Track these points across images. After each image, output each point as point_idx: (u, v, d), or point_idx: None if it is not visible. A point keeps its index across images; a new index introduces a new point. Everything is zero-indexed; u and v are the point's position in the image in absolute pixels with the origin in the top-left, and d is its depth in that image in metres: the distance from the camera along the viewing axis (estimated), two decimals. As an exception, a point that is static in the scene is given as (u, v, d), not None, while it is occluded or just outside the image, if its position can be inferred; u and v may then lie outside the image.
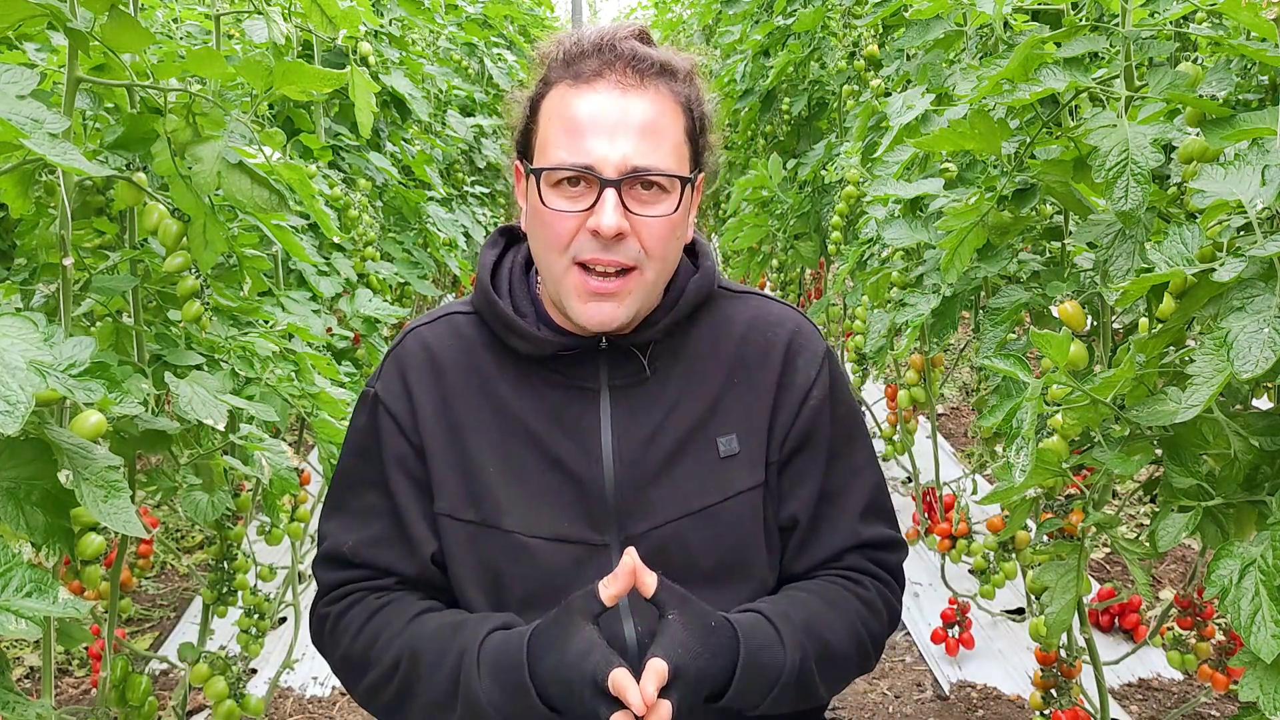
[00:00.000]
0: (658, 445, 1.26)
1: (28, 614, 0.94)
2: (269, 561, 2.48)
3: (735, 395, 1.30)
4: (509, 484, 1.26)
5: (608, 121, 1.17)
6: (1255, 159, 1.11)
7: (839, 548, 1.32)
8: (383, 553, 1.29)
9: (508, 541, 1.24)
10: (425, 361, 1.31)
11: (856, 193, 3.00)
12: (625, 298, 1.20)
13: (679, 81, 1.23)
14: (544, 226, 1.21)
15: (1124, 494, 3.40)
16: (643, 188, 1.18)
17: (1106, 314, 1.70)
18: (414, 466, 1.28)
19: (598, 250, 1.18)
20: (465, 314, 1.34)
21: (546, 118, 1.22)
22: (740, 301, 1.36)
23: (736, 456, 1.28)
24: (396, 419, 1.29)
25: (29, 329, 1.05)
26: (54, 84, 1.66)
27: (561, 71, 1.22)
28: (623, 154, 1.16)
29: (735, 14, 4.64)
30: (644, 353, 1.28)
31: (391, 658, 1.23)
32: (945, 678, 3.16)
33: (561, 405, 1.27)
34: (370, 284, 3.05)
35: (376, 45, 3.17)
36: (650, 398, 1.28)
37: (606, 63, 1.19)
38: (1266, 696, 0.97)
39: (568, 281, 1.20)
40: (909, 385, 2.78)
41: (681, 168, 1.22)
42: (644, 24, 1.26)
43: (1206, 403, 1.04)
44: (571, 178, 1.18)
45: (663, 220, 1.20)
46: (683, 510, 1.25)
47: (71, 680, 3.18)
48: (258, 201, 1.54)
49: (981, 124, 1.53)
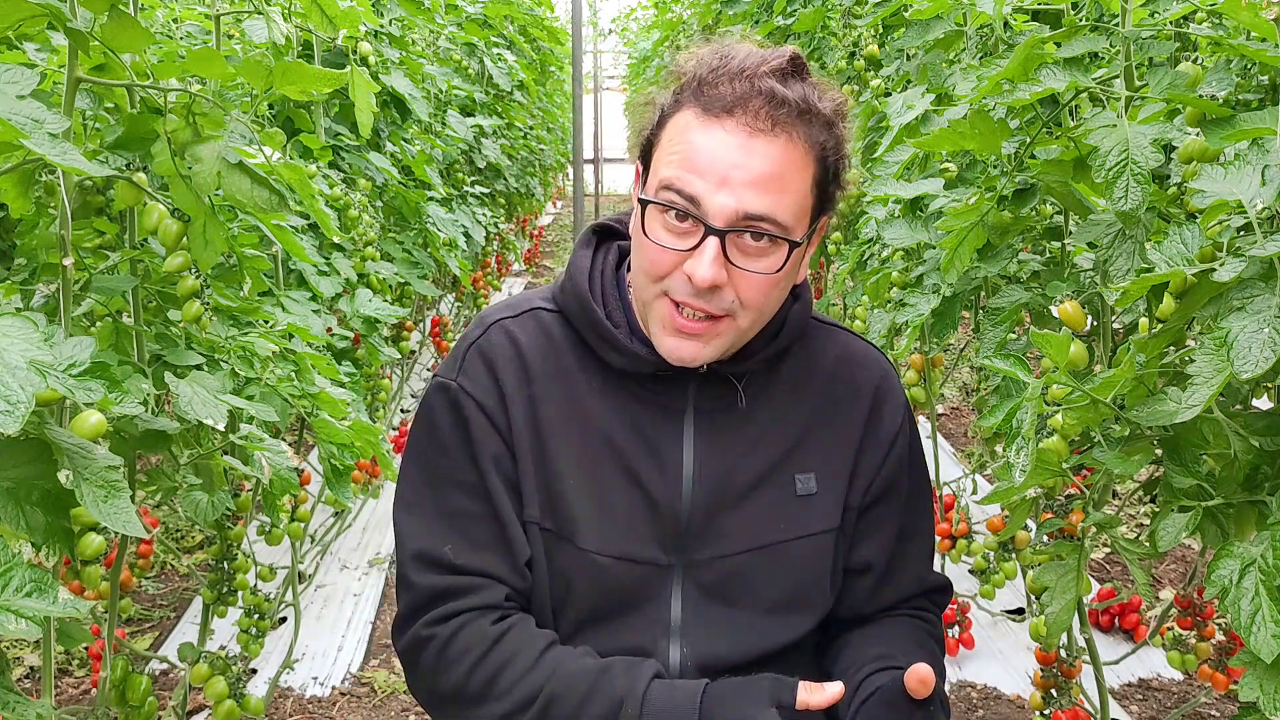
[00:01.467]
0: (737, 475, 1.23)
1: (28, 614, 0.94)
2: (269, 561, 2.49)
3: (819, 434, 1.26)
4: (587, 498, 1.21)
5: (726, 164, 1.09)
6: (1255, 159, 1.11)
7: (909, 594, 1.34)
8: (489, 560, 1.20)
9: (581, 556, 1.21)
10: (514, 357, 1.24)
11: (856, 193, 3.00)
12: (712, 339, 1.16)
13: (817, 126, 1.13)
14: (643, 253, 1.16)
15: (1124, 494, 3.40)
16: (752, 238, 1.11)
17: (1106, 314, 1.70)
18: (508, 467, 1.22)
19: (690, 295, 1.12)
20: (550, 311, 1.28)
21: (669, 138, 1.15)
22: (829, 336, 1.32)
23: (813, 497, 1.25)
24: (489, 415, 1.21)
25: (29, 329, 1.05)
26: (54, 84, 1.66)
27: (694, 95, 1.13)
28: (735, 202, 1.09)
29: (735, 14, 4.64)
30: (740, 381, 1.24)
31: (524, 694, 1.13)
32: (945, 678, 3.16)
33: (646, 423, 1.23)
34: (370, 284, 3.05)
35: (376, 45, 3.17)
36: (736, 427, 1.24)
37: (741, 98, 1.10)
38: (1266, 696, 0.97)
39: (656, 310, 1.16)
40: (909, 385, 2.77)
41: (799, 222, 1.14)
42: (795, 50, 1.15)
43: (1206, 403, 1.04)
44: (680, 212, 1.11)
45: (765, 277, 1.13)
46: (751, 544, 1.23)
47: (71, 680, 3.18)
48: (258, 201, 1.54)
49: (981, 124, 1.53)
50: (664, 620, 1.21)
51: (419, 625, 1.20)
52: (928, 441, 3.54)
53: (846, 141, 1.18)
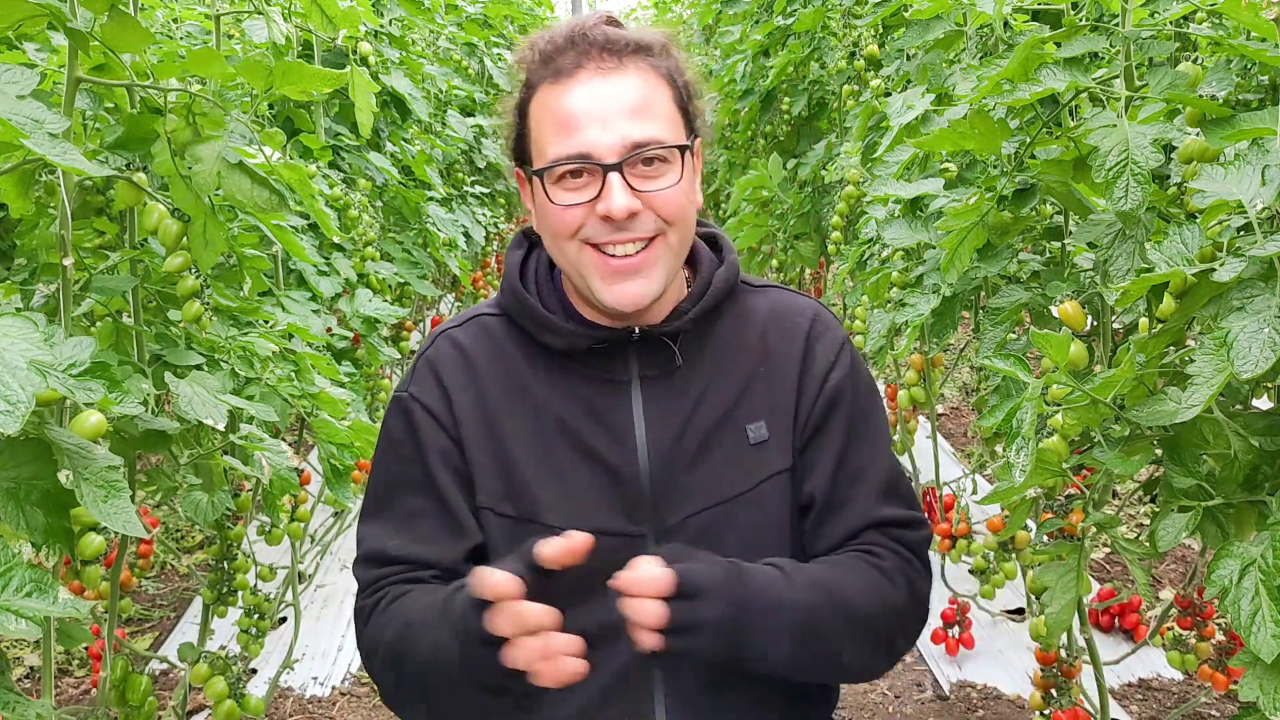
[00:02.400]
0: (690, 434, 1.27)
1: (28, 614, 0.94)
2: (269, 561, 2.49)
3: (761, 383, 1.31)
4: (546, 479, 1.26)
5: (596, 108, 1.18)
6: (1255, 159, 1.11)
7: (857, 526, 1.31)
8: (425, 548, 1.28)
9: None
10: (458, 360, 1.31)
11: (856, 193, 3.01)
12: (652, 269, 1.21)
13: (657, 55, 1.23)
14: (553, 222, 1.22)
15: (1124, 494, 3.40)
16: (644, 164, 1.19)
17: (1106, 314, 1.70)
18: (456, 460, 1.29)
19: (612, 232, 1.19)
20: (493, 315, 1.35)
21: (536, 120, 1.23)
22: (761, 294, 1.38)
23: (766, 443, 1.29)
24: (435, 416, 1.29)
25: (29, 329, 1.05)
26: (54, 84, 1.66)
27: (541, 71, 1.22)
28: (619, 135, 1.17)
29: (735, 14, 4.64)
30: (674, 342, 1.29)
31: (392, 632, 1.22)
32: (945, 678, 3.16)
33: (594, 398, 1.28)
34: (370, 284, 3.05)
35: (376, 45, 3.17)
36: (680, 388, 1.29)
37: (582, 53, 1.20)
38: (1266, 696, 0.97)
39: (585, 262, 1.21)
40: (909, 385, 2.78)
41: (679, 136, 1.23)
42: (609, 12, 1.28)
43: (1206, 403, 1.04)
44: (573, 170, 1.19)
45: (672, 190, 1.21)
46: (716, 498, 1.27)
47: (71, 680, 3.18)
48: (258, 201, 1.54)
49: (981, 124, 1.53)
50: None
51: (356, 601, 1.32)
52: (927, 441, 3.54)
53: (685, 65, 1.28)
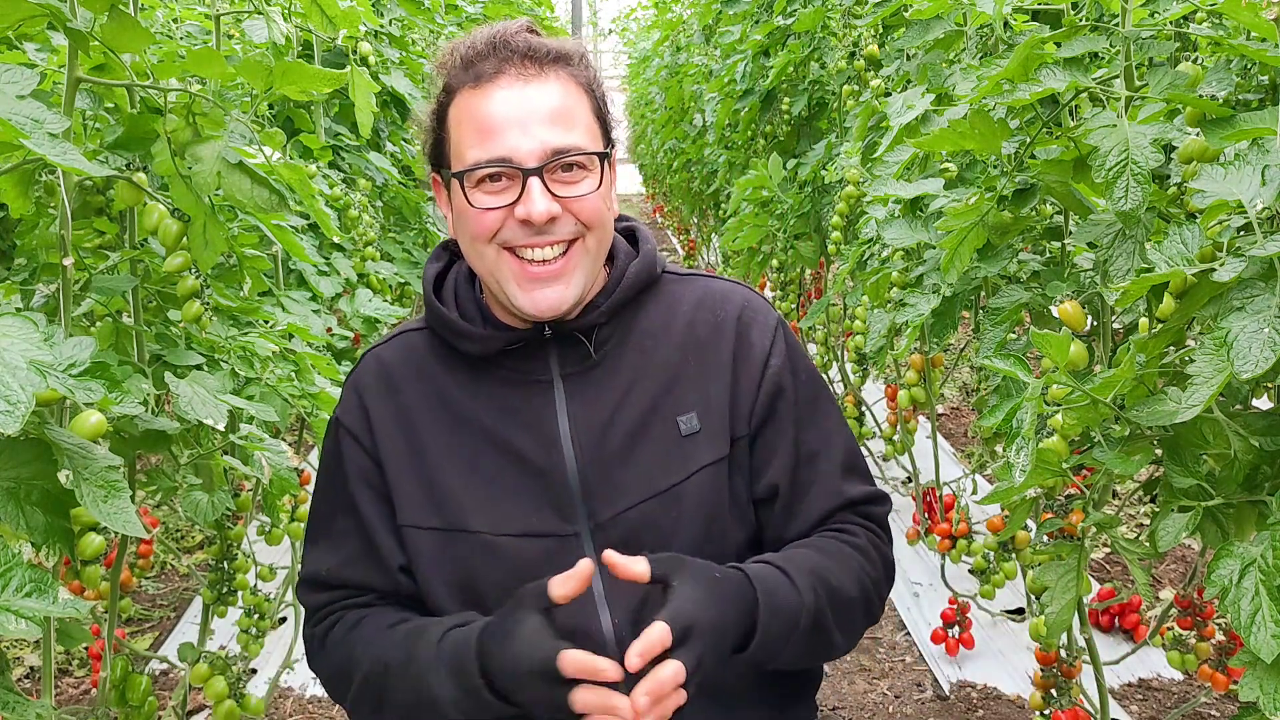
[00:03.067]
0: (616, 428, 1.26)
1: (28, 614, 0.94)
2: (269, 561, 2.49)
3: (691, 373, 1.30)
4: (472, 486, 1.26)
5: (518, 113, 1.18)
6: (1255, 159, 1.11)
7: (826, 509, 1.32)
8: (358, 571, 1.31)
9: (476, 543, 1.25)
10: (380, 378, 1.33)
11: (856, 193, 3.00)
12: (570, 275, 1.22)
13: (576, 65, 1.24)
14: (472, 225, 1.21)
15: (1124, 494, 3.40)
16: (564, 170, 1.20)
17: (1106, 314, 1.70)
18: (375, 480, 1.30)
19: (530, 235, 1.19)
20: (418, 330, 1.36)
21: (456, 123, 1.23)
22: (687, 283, 1.37)
23: (698, 434, 1.28)
24: (356, 437, 1.31)
25: (29, 329, 1.05)
26: (54, 84, 1.66)
27: (462, 76, 1.22)
28: (539, 141, 1.18)
29: (735, 14, 4.64)
30: (589, 338, 1.28)
31: (366, 669, 1.24)
32: (945, 678, 3.16)
33: (516, 400, 1.28)
34: (370, 284, 3.05)
35: (376, 45, 3.17)
36: (603, 382, 1.28)
37: (504, 59, 1.20)
38: (1266, 696, 0.97)
39: (503, 267, 1.21)
40: (909, 385, 2.78)
41: (597, 144, 1.24)
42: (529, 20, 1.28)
43: (1206, 403, 1.04)
44: (493, 174, 1.19)
45: (591, 196, 1.21)
46: (649, 491, 1.25)
47: (71, 680, 3.18)
48: (258, 201, 1.54)
49: (981, 124, 1.53)
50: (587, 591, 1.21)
51: (305, 630, 1.36)
52: (927, 441, 3.54)
53: (599, 78, 1.29)
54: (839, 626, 1.24)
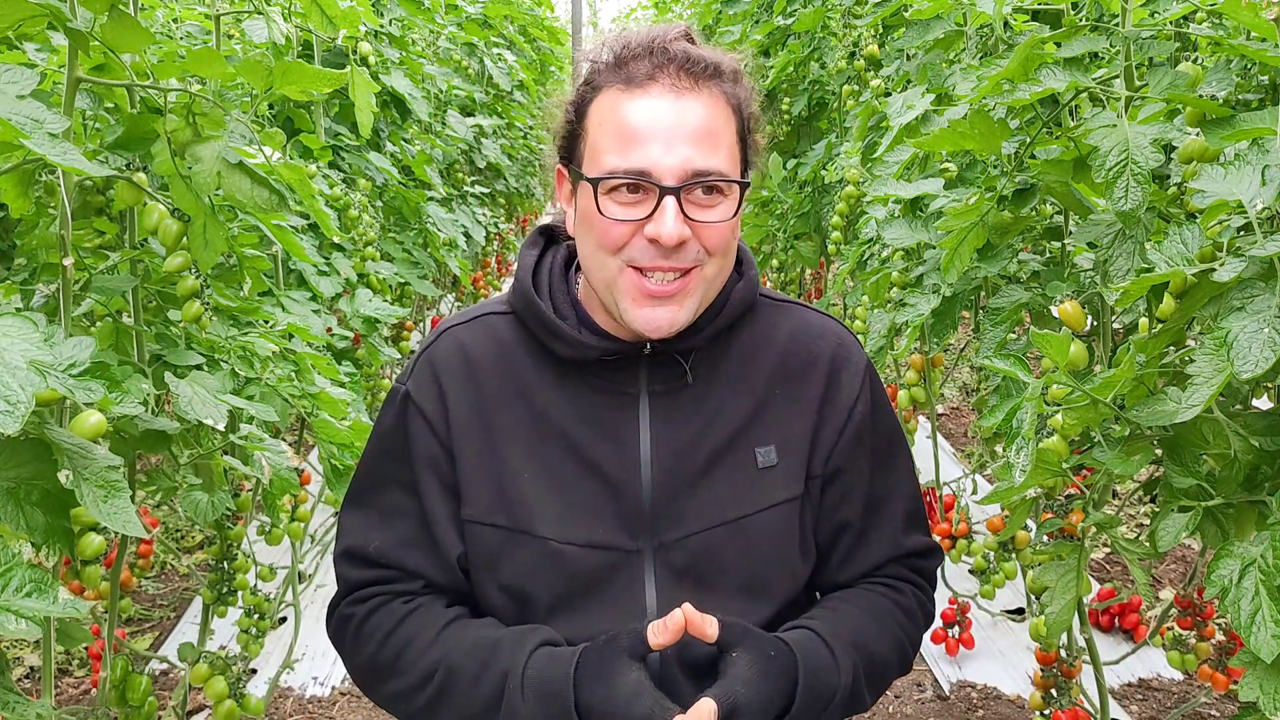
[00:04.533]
0: (696, 453, 1.25)
1: (28, 614, 0.94)
2: (269, 561, 2.49)
3: (776, 406, 1.28)
4: (544, 489, 1.24)
5: (664, 126, 1.14)
6: (1255, 159, 1.11)
7: (883, 558, 1.33)
8: (411, 554, 1.27)
9: (539, 547, 1.23)
10: (461, 363, 1.28)
11: (856, 193, 3.01)
12: (686, 299, 1.18)
13: (728, 82, 1.20)
14: (598, 233, 1.18)
15: (1124, 494, 3.40)
16: (703, 192, 1.16)
17: (1106, 314, 1.70)
18: (444, 469, 1.26)
19: (656, 257, 1.16)
20: (501, 314, 1.31)
21: (597, 122, 1.18)
22: (782, 311, 1.35)
23: (774, 468, 1.26)
24: (429, 420, 1.26)
25: (29, 329, 1.05)
26: (54, 84, 1.66)
27: (610, 75, 1.18)
28: (682, 159, 1.13)
29: (735, 14, 4.64)
30: (686, 359, 1.26)
31: (424, 668, 1.21)
32: (945, 678, 3.16)
33: (600, 410, 1.25)
34: (370, 284, 3.05)
35: (376, 45, 3.17)
36: (690, 405, 1.26)
37: (659, 65, 1.15)
38: (1266, 696, 0.97)
39: (622, 283, 1.18)
40: (909, 385, 2.78)
41: (736, 170, 1.20)
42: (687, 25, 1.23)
43: (1206, 403, 1.04)
44: (630, 184, 1.15)
45: (722, 224, 1.17)
46: (718, 519, 1.24)
47: (71, 680, 3.18)
48: (258, 201, 1.54)
49: (981, 124, 1.52)
50: (639, 607, 1.22)
51: (341, 607, 1.31)
52: (927, 441, 3.53)
53: (753, 98, 1.24)
54: (870, 690, 1.25)
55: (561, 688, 1.13)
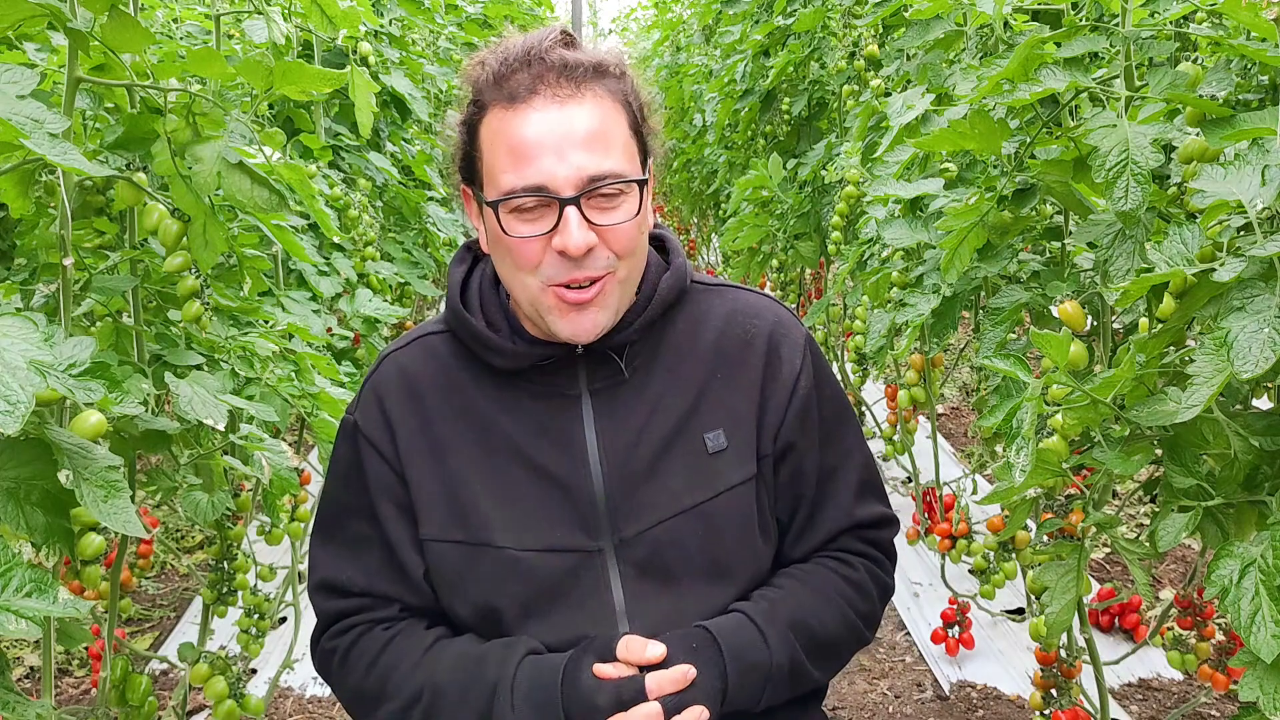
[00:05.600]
0: (643, 445, 1.25)
1: (28, 614, 0.94)
2: (269, 561, 2.48)
3: (719, 390, 1.29)
4: (496, 500, 1.25)
5: (553, 138, 1.14)
6: (1255, 159, 1.11)
7: (835, 530, 1.34)
8: (382, 582, 1.29)
9: (499, 557, 1.23)
10: (402, 386, 1.30)
11: (856, 193, 3.00)
12: (604, 300, 1.19)
13: (613, 78, 1.20)
14: (509, 253, 1.19)
15: (1124, 494, 3.40)
16: (602, 197, 1.16)
17: (1106, 314, 1.70)
18: (398, 493, 1.28)
19: (570, 269, 1.16)
20: (439, 333, 1.33)
21: (488, 143, 1.19)
22: (716, 294, 1.35)
23: (725, 451, 1.27)
24: (377, 447, 1.28)
25: (29, 329, 1.05)
26: (54, 84, 1.66)
27: (494, 92, 1.18)
28: (575, 168, 1.14)
29: (735, 14, 4.64)
30: (621, 354, 1.27)
31: (411, 691, 1.22)
32: (945, 678, 3.16)
33: (543, 414, 1.26)
34: (370, 284, 3.05)
35: (376, 45, 3.17)
36: (632, 399, 1.27)
37: (538, 76, 1.16)
38: (1266, 696, 0.97)
39: (545, 301, 1.19)
40: (909, 385, 2.78)
41: (634, 167, 1.20)
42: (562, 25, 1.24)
43: (1206, 403, 1.05)
44: (527, 204, 1.15)
45: (628, 224, 1.18)
46: (674, 509, 1.25)
47: (71, 680, 3.18)
48: (258, 201, 1.54)
49: (981, 124, 1.52)
50: (609, 606, 1.23)
51: (323, 641, 1.33)
52: (927, 441, 3.54)
53: (639, 86, 1.24)
54: (818, 667, 1.27)
55: (551, 695, 1.15)
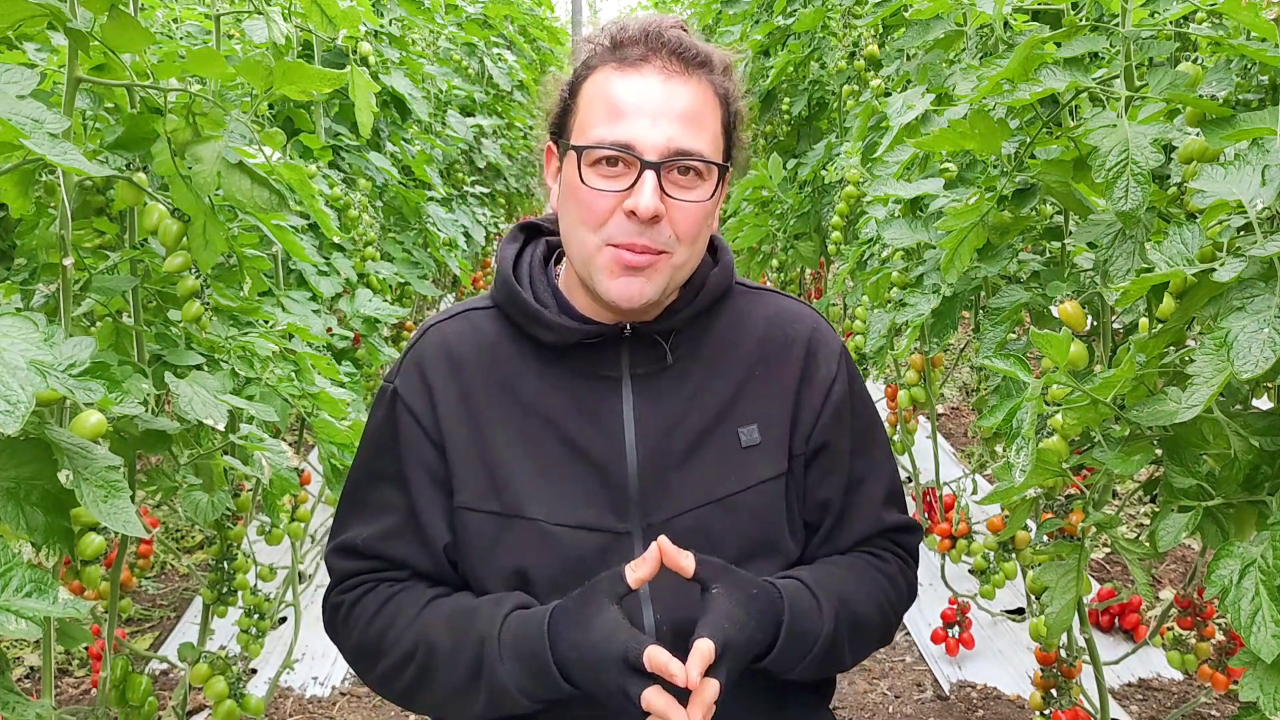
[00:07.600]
0: (680, 433, 1.27)
1: (28, 614, 0.94)
2: (269, 561, 2.49)
3: (757, 388, 1.31)
4: (532, 474, 1.27)
5: (651, 105, 1.18)
6: (1255, 159, 1.11)
7: (864, 534, 1.35)
8: (396, 545, 1.31)
9: (532, 530, 1.25)
10: (444, 357, 1.32)
11: (856, 193, 3.01)
12: (654, 274, 1.21)
13: (718, 74, 1.24)
14: (579, 204, 1.21)
15: (1124, 494, 3.40)
16: (680, 172, 1.19)
17: (1106, 314, 1.70)
18: (433, 462, 1.29)
19: (632, 234, 1.19)
20: (484, 309, 1.35)
21: (588, 99, 1.23)
22: (758, 298, 1.39)
23: (758, 447, 1.29)
24: (416, 415, 1.30)
25: (29, 329, 1.05)
26: (54, 84, 1.66)
27: (606, 56, 1.23)
28: (666, 136, 1.17)
29: (735, 14, 4.65)
30: (666, 340, 1.29)
31: (406, 646, 1.25)
32: (945, 678, 3.16)
33: (584, 394, 1.28)
34: (370, 284, 3.05)
35: (376, 45, 3.17)
36: (672, 387, 1.29)
37: (652, 49, 1.21)
38: (1266, 696, 0.97)
39: (600, 259, 1.21)
40: (909, 385, 2.78)
41: (718, 156, 1.24)
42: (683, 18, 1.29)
43: (1206, 403, 1.04)
44: (611, 157, 1.18)
45: (698, 206, 1.21)
46: (705, 498, 1.26)
47: (71, 680, 3.18)
48: (258, 201, 1.54)
49: (981, 124, 1.53)
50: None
51: (332, 596, 1.35)
52: (927, 441, 3.54)
53: (739, 94, 1.28)
54: (852, 649, 1.28)
55: (537, 645, 1.14)
